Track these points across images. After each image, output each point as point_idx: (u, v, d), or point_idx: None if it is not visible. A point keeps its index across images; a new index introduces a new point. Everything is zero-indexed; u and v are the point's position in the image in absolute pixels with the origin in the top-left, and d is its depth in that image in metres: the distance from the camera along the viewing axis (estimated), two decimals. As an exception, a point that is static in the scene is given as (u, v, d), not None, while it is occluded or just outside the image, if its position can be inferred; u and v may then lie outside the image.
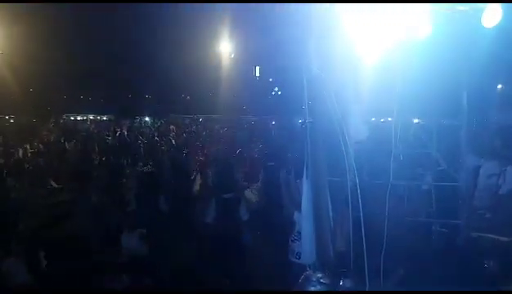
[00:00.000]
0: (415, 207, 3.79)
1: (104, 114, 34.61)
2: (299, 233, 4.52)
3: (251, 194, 6.48)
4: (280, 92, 46.84)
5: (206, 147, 11.64)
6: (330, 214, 3.05)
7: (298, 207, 4.57)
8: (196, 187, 6.85)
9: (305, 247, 3.19)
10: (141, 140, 13.90)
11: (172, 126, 18.10)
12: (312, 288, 2.52)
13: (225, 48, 24.31)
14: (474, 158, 6.38)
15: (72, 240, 4.76)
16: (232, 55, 24.44)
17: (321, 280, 2.53)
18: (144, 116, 30.95)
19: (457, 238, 4.00)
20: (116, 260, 4.89)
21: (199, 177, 6.97)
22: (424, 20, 2.95)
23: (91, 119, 31.34)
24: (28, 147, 11.77)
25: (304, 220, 3.23)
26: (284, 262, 4.62)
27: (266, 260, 5.12)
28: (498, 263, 3.50)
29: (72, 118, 29.68)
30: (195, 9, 24.64)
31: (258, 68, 45.35)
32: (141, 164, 9.03)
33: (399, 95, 3.19)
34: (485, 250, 3.69)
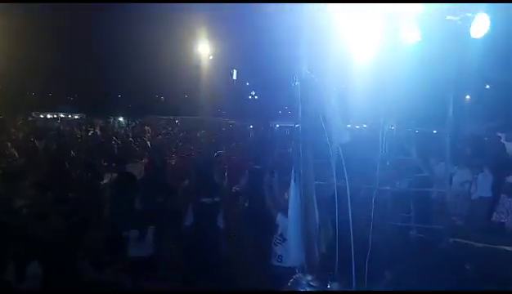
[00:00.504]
0: (396, 211, 3.87)
1: (75, 113, 33.73)
2: (281, 235, 4.54)
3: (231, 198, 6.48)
4: (256, 97, 47.12)
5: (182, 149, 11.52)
6: (317, 217, 3.07)
7: (281, 209, 4.60)
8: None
9: (291, 249, 3.20)
10: (115, 140, 13.59)
11: (147, 128, 17.80)
12: (302, 290, 2.53)
13: (203, 49, 24.19)
14: (448, 165, 6.58)
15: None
16: (211, 57, 24.34)
17: (311, 283, 2.54)
18: (118, 116, 30.37)
19: (434, 243, 4.10)
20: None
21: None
22: (413, 26, 3.01)
23: (61, 117, 30.45)
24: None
25: (291, 223, 3.23)
26: (265, 265, 4.62)
27: (247, 263, 5.12)
28: (474, 267, 3.61)
29: (42, 116, 28.80)
30: (173, 9, 24.45)
31: (235, 71, 45.46)
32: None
33: (384, 100, 3.25)
34: (462, 255, 3.80)
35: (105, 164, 9.66)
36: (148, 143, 13.20)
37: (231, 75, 44.94)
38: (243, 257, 5.71)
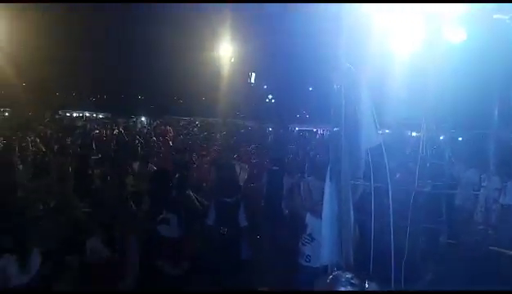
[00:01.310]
0: (429, 214, 3.85)
1: (100, 112, 34.48)
2: (310, 235, 4.57)
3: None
4: (273, 100, 47.20)
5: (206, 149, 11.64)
6: (352, 217, 3.09)
7: (310, 209, 4.62)
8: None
9: (324, 249, 3.22)
10: (138, 139, 13.82)
11: (168, 127, 18.03)
12: (342, 289, 2.54)
13: (223, 52, 24.38)
14: (478, 172, 6.50)
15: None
16: (232, 60, 24.51)
17: (351, 281, 2.55)
18: (140, 116, 30.88)
19: (467, 250, 4.07)
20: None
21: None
22: (457, 25, 2.97)
23: (86, 116, 31.11)
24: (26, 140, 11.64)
25: (325, 223, 3.25)
26: (293, 265, 4.65)
27: (272, 262, 5.16)
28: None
29: (68, 115, 29.48)
30: (195, 10, 24.75)
31: (253, 74, 45.67)
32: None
33: (426, 101, 3.24)
34: (495, 263, 3.76)
35: (130, 162, 9.83)
36: (170, 143, 13.39)
37: (249, 78, 45.19)
38: (268, 257, 5.74)
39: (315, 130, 24.16)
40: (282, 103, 40.32)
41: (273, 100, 47.16)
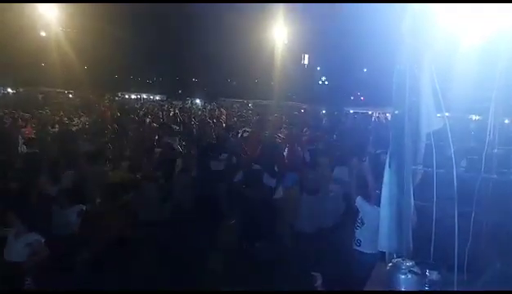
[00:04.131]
0: (496, 203, 3.62)
1: (156, 94, 35.72)
2: (361, 220, 4.49)
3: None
4: (327, 82, 46.31)
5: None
6: (412, 203, 2.98)
7: (362, 194, 4.54)
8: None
9: (382, 234, 3.14)
10: (193, 121, 14.16)
11: (222, 109, 18.31)
12: (403, 277, 2.48)
13: (277, 34, 24.14)
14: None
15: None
16: (285, 42, 24.23)
17: (412, 269, 2.48)
18: (194, 98, 31.60)
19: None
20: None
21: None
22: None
23: (144, 98, 32.36)
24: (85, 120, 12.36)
25: (383, 208, 3.17)
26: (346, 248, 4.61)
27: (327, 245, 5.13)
28: None
29: (127, 97, 30.82)
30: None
31: (306, 56, 44.97)
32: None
33: (493, 87, 3.02)
34: None
35: (184, 144, 10.09)
36: (224, 125, 13.58)
37: (303, 60, 44.54)
38: (319, 239, 5.72)
39: (370, 112, 23.42)
40: (336, 85, 39.48)
41: (326, 82, 46.35)
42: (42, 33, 20.79)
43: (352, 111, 24.15)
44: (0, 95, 25.12)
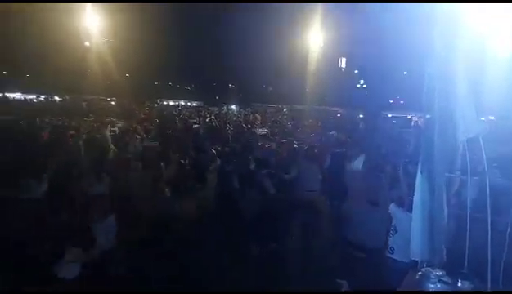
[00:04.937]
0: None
1: (194, 101, 36.51)
2: (394, 227, 4.38)
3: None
4: (365, 85, 45.45)
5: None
6: (445, 211, 2.88)
7: (395, 200, 4.43)
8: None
9: (414, 242, 3.05)
10: (228, 127, 14.33)
11: (257, 115, 18.42)
12: (432, 286, 2.41)
13: (313, 38, 24.00)
14: None
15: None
16: (321, 45, 24.05)
17: (442, 278, 2.40)
18: (230, 104, 31.98)
19: None
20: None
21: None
22: None
23: (182, 105, 33.13)
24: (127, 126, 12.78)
25: (415, 216, 3.08)
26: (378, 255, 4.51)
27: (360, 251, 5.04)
28: None
29: (165, 103, 31.69)
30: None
31: (343, 59, 44.34)
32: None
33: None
34: None
35: (219, 149, 10.22)
36: (259, 130, 13.68)
37: (339, 63, 43.99)
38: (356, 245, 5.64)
39: (409, 117, 22.76)
40: (374, 88, 38.66)
41: (365, 86, 45.49)
42: (86, 43, 21.76)
43: (390, 115, 23.58)
44: (47, 103, 26.50)
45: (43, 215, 5.10)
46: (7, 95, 27.58)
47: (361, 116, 21.91)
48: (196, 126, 14.44)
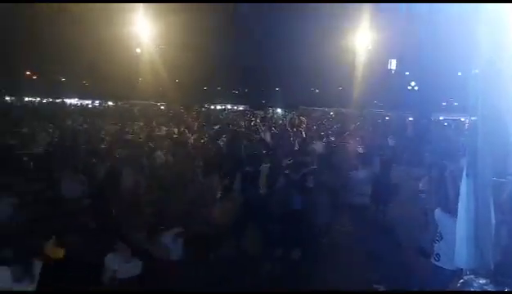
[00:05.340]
0: None
1: (240, 105, 37.03)
2: (440, 234, 4.21)
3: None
4: (416, 87, 43.78)
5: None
6: (493, 217, 2.74)
7: (441, 205, 4.26)
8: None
9: (459, 250, 2.92)
10: (273, 130, 14.37)
11: (303, 118, 18.31)
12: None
13: (361, 39, 23.54)
14: None
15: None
16: (369, 47, 23.53)
17: (485, 287, 2.29)
18: (276, 108, 32.09)
19: None
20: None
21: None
22: None
23: (228, 108, 33.68)
24: (176, 130, 13.19)
25: (460, 222, 2.95)
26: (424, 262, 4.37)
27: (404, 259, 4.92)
28: None
29: (212, 107, 32.36)
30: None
31: (393, 61, 43.02)
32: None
33: None
34: None
35: (264, 152, 10.27)
36: (304, 134, 13.55)
37: (389, 65, 42.70)
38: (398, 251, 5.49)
39: (462, 119, 21.66)
40: (426, 90, 37.13)
41: (416, 88, 43.84)
42: (138, 50, 22.72)
43: (441, 118, 22.58)
44: (102, 108, 27.97)
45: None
46: (65, 100, 29.46)
47: (410, 119, 21.15)
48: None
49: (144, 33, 20.32)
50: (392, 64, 42.93)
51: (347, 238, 6.20)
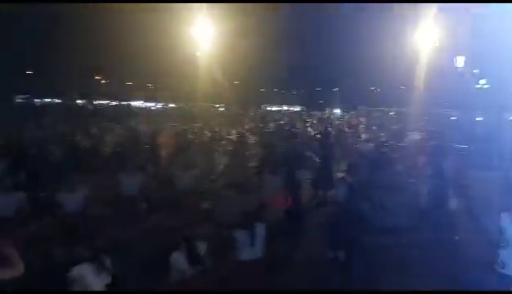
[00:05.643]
0: None
1: (296, 106, 36.94)
2: (506, 240, 3.94)
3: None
4: (486, 86, 40.96)
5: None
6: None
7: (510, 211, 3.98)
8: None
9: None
10: (329, 130, 14.20)
11: (360, 118, 17.90)
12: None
13: (424, 37, 22.40)
14: None
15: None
16: (435, 44, 22.31)
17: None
18: (333, 108, 31.63)
19: None
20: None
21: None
22: None
23: (284, 110, 33.77)
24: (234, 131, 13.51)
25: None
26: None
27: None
28: None
29: (268, 109, 32.65)
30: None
31: (460, 58, 40.49)
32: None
33: None
34: None
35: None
36: (362, 134, 13.28)
37: (456, 63, 40.23)
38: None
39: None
40: (498, 88, 34.57)
41: (486, 86, 41.01)
42: (197, 53, 23.35)
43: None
44: (162, 109, 29.27)
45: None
46: (131, 103, 31.24)
47: (478, 119, 19.82)
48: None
49: (203, 36, 20.84)
50: (460, 62, 40.47)
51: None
